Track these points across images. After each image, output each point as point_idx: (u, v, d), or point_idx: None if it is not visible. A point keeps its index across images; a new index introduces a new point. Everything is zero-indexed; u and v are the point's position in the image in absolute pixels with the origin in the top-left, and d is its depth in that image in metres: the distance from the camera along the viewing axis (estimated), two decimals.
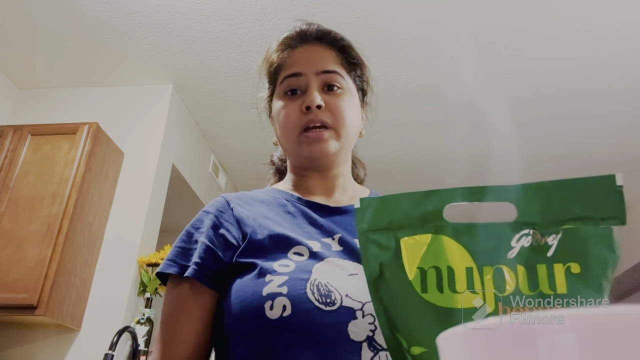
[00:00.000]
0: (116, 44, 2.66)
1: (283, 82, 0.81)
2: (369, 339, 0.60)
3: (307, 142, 0.76)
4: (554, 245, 0.37)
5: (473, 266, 0.38)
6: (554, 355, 0.20)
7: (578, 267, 0.36)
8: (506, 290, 0.37)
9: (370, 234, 0.42)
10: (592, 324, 0.20)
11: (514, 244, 0.38)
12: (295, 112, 0.77)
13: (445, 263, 0.39)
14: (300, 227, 0.74)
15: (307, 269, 0.65)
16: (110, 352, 2.10)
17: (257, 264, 0.67)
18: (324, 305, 0.61)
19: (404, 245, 0.41)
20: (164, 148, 2.83)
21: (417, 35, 2.54)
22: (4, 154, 2.47)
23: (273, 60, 0.84)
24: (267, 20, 2.47)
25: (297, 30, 0.84)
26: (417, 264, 0.39)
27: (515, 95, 2.94)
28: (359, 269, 0.68)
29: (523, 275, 0.37)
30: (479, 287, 0.38)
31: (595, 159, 3.48)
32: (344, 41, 0.84)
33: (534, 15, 2.40)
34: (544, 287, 0.36)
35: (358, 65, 0.85)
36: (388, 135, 3.32)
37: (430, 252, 0.40)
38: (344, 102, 0.78)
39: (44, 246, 2.22)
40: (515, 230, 0.39)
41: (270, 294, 0.62)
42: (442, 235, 0.40)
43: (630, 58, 2.64)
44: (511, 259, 0.38)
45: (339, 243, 0.72)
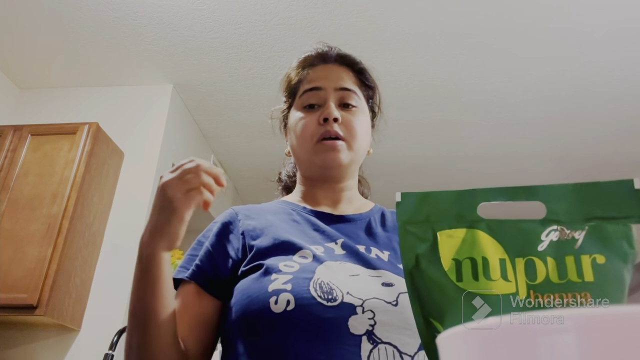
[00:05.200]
0: (116, 44, 2.66)
1: (303, 95, 0.86)
2: (368, 332, 0.63)
3: (323, 149, 0.81)
4: (580, 239, 0.41)
5: (506, 258, 0.42)
6: (554, 355, 0.20)
7: (603, 258, 0.40)
8: (537, 279, 0.41)
9: (409, 226, 0.45)
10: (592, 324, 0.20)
11: (543, 238, 0.42)
12: (313, 123, 0.82)
13: (481, 254, 0.42)
14: (305, 233, 0.78)
15: (311, 270, 0.69)
16: (110, 352, 2.10)
17: (263, 264, 0.71)
18: (326, 301, 0.65)
19: (441, 237, 0.44)
20: (164, 148, 2.83)
21: (417, 35, 2.54)
22: (4, 154, 2.47)
23: (292, 77, 0.90)
24: (267, 20, 2.47)
25: (318, 51, 0.90)
26: (453, 255, 0.43)
27: (515, 95, 2.94)
28: (360, 270, 0.71)
29: (552, 265, 0.41)
30: (512, 277, 0.41)
31: (595, 159, 3.48)
32: (361, 64, 0.91)
33: (534, 15, 2.40)
34: (573, 276, 0.40)
35: (372, 88, 0.92)
36: (388, 135, 3.30)
37: (465, 245, 0.43)
38: (357, 119, 0.84)
39: (44, 246, 2.22)
40: (544, 226, 0.42)
41: (275, 290, 0.66)
42: (477, 230, 0.43)
43: (630, 58, 2.64)
44: (541, 251, 0.41)
45: (341, 247, 0.76)
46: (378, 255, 0.76)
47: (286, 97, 0.91)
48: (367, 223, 0.84)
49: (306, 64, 0.89)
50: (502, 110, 3.07)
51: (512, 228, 0.43)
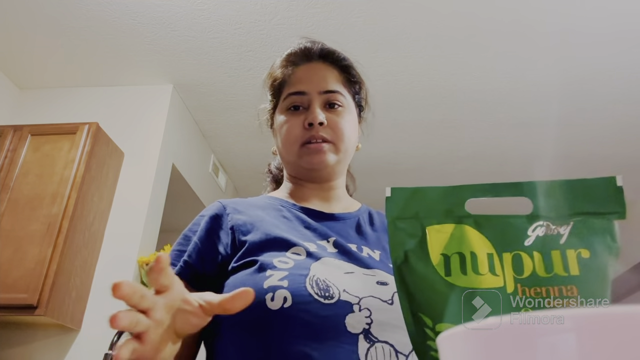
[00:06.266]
0: (116, 44, 2.66)
1: (287, 98, 0.84)
2: (365, 331, 0.63)
3: (308, 153, 0.80)
4: (566, 234, 0.42)
5: (493, 252, 0.43)
6: (554, 355, 0.20)
7: (588, 253, 0.41)
8: (524, 273, 0.41)
9: (398, 222, 0.46)
10: (592, 324, 0.20)
11: (530, 233, 0.43)
12: (297, 127, 0.81)
13: (469, 249, 0.43)
14: (296, 229, 0.77)
15: (306, 266, 0.68)
16: (110, 352, 2.10)
17: (257, 260, 0.69)
18: (323, 299, 0.64)
19: (429, 233, 0.44)
20: (164, 148, 2.83)
21: (417, 35, 2.54)
22: (4, 154, 2.47)
23: (277, 76, 0.88)
24: (267, 20, 2.47)
25: (301, 47, 0.88)
26: (441, 250, 0.43)
27: (515, 96, 2.94)
28: (354, 268, 0.71)
29: (539, 260, 0.42)
30: (500, 271, 0.42)
31: (595, 159, 3.48)
32: (346, 61, 0.88)
33: (533, 16, 2.40)
34: (559, 270, 0.41)
35: (357, 83, 0.90)
36: (388, 135, 3.32)
37: (454, 240, 0.44)
38: (344, 119, 0.83)
39: (44, 246, 2.22)
40: (530, 222, 0.43)
41: (271, 286, 0.65)
42: (465, 225, 0.44)
43: (630, 58, 2.64)
44: (528, 246, 0.42)
45: (333, 245, 0.75)
46: (370, 254, 0.76)
47: (271, 96, 0.90)
48: (356, 222, 0.83)
49: (289, 62, 0.87)
50: (502, 110, 3.07)
51: (499, 223, 0.44)
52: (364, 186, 1.16)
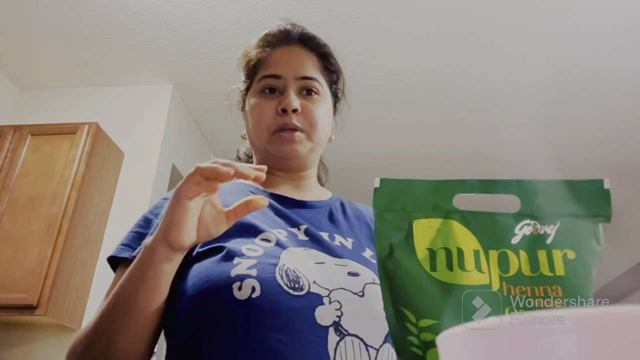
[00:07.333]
0: (116, 44, 2.66)
1: (261, 80, 0.81)
2: (335, 324, 0.61)
3: (279, 141, 0.78)
4: (552, 235, 0.42)
5: (480, 249, 0.42)
6: (554, 355, 0.20)
7: (574, 254, 0.41)
8: (510, 271, 0.41)
9: (385, 214, 0.45)
10: (592, 324, 0.20)
11: (517, 231, 0.42)
12: (270, 112, 0.78)
13: (455, 245, 0.42)
14: (267, 216, 0.74)
15: (275, 255, 0.66)
16: None
17: (224, 247, 0.66)
18: (293, 290, 0.62)
19: (416, 226, 0.44)
20: (164, 148, 2.83)
21: (417, 35, 2.54)
22: (4, 154, 2.47)
23: (252, 57, 0.84)
24: (267, 20, 2.47)
25: (280, 29, 0.85)
26: (427, 245, 0.43)
27: (514, 95, 2.94)
28: (325, 258, 0.69)
29: (525, 259, 0.41)
30: (485, 268, 0.41)
31: (595, 159, 3.48)
32: (326, 48, 0.85)
33: (533, 15, 2.40)
34: (545, 270, 0.41)
35: (336, 72, 0.87)
36: (388, 135, 3.32)
37: (440, 235, 0.43)
38: (318, 107, 0.80)
39: (44, 246, 2.22)
40: (518, 220, 0.43)
41: (239, 275, 0.62)
42: (452, 220, 0.44)
43: (630, 58, 2.63)
44: (514, 244, 0.42)
45: (304, 233, 0.73)
46: (342, 243, 0.74)
47: (245, 77, 0.86)
48: (329, 210, 0.81)
49: (267, 43, 0.83)
50: (501, 110, 3.07)
51: (486, 220, 0.43)
52: (364, 186, 1.16)
